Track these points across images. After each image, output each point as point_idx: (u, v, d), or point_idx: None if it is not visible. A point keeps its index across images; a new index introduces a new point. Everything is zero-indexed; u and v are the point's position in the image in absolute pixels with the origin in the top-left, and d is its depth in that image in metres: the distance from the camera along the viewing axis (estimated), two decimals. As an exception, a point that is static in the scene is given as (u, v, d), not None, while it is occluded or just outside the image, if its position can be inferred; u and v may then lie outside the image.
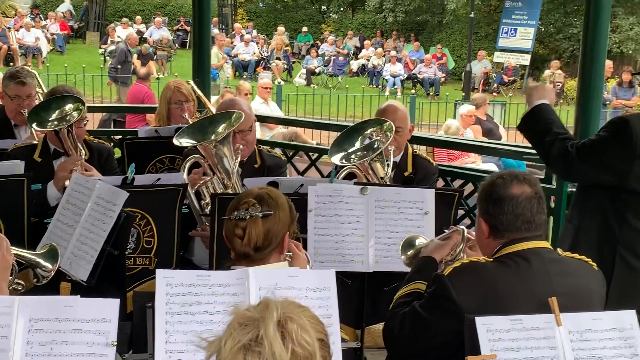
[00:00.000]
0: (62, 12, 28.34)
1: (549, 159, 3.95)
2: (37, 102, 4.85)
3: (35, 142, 4.33)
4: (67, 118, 4.11)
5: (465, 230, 3.17)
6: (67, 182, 3.88)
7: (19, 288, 2.96)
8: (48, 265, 3.03)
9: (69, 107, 4.16)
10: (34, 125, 4.15)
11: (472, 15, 25.64)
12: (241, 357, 1.65)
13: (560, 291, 2.71)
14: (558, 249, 2.94)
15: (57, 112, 4.15)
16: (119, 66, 19.00)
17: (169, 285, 2.55)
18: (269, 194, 2.91)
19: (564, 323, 2.57)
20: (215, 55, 20.04)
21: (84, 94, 16.13)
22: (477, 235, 3.00)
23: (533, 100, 3.96)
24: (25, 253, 3.01)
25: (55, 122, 4.11)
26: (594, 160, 3.70)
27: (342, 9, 34.70)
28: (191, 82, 6.05)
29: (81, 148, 4.16)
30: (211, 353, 1.72)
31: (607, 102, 16.36)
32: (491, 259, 2.82)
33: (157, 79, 16.05)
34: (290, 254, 2.99)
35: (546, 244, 2.87)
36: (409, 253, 3.34)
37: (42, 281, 3.02)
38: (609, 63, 4.96)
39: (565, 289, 2.75)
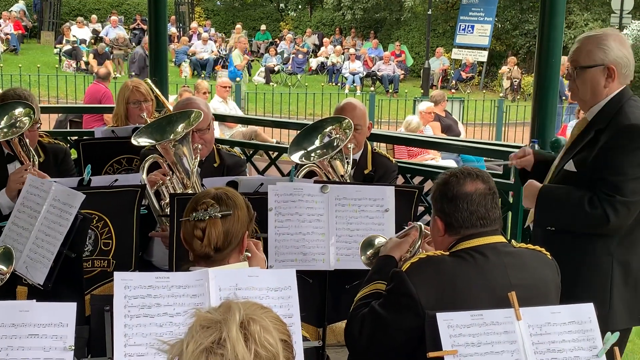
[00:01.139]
0: (16, 12, 27.85)
1: (599, 220, 3.42)
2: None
3: (-13, 145, 4.24)
4: (18, 124, 4.01)
5: (423, 226, 3.19)
6: (18, 192, 3.79)
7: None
8: (3, 267, 2.97)
9: (18, 112, 4.06)
10: None
11: (429, 12, 25.87)
12: None
13: (516, 283, 2.74)
14: (512, 241, 2.97)
15: (5, 119, 4.05)
16: (139, 72, 18.71)
17: (127, 287, 2.52)
18: (226, 194, 2.89)
19: (524, 317, 2.60)
20: (238, 56, 19.98)
21: (39, 94, 15.86)
22: (432, 233, 3.02)
23: (529, 201, 3.66)
24: None
25: (5, 130, 4.02)
26: None
27: (300, 6, 34.71)
28: (149, 80, 5.98)
29: (34, 154, 4.07)
30: (173, 356, 1.70)
31: (564, 98, 16.61)
32: (447, 253, 2.84)
33: (114, 78, 15.86)
34: (249, 254, 2.97)
35: (501, 238, 2.89)
36: (368, 253, 3.34)
37: (-3, 284, 2.96)
38: (563, 59, 5.02)
39: (522, 281, 2.78)
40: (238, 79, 18.97)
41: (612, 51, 3.48)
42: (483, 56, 25.74)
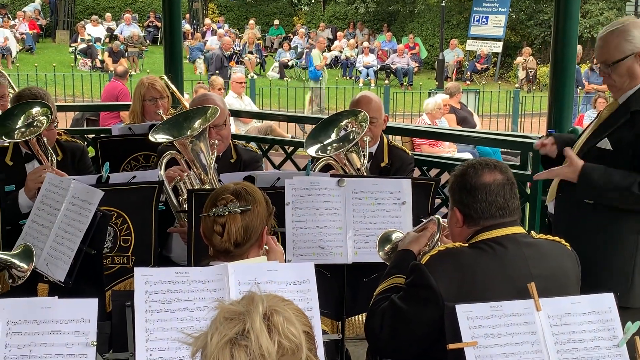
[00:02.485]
0: (31, 11, 28.01)
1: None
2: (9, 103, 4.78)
3: (6, 144, 4.26)
4: (35, 124, 4.03)
5: (441, 219, 3.18)
6: (37, 191, 3.82)
7: (-6, 288, 2.93)
8: (23, 265, 3.00)
9: (35, 111, 4.07)
10: (2, 137, 4.06)
11: (443, 4, 25.74)
12: (228, 352, 1.64)
13: (536, 274, 2.74)
14: (532, 232, 2.96)
15: (23, 118, 4.07)
16: (217, 72, 18.82)
17: (148, 283, 2.54)
18: (245, 189, 2.90)
19: (544, 308, 2.59)
20: (317, 56, 20.03)
21: (55, 93, 15.96)
22: (450, 224, 3.01)
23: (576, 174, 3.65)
24: None
25: (23, 130, 4.03)
26: None
27: (313, 1, 34.66)
28: (164, 77, 6.00)
29: (52, 153, 4.09)
30: (197, 348, 1.71)
31: (580, 87, 16.51)
32: (466, 245, 2.83)
33: (130, 75, 15.91)
34: (267, 247, 2.98)
35: (521, 229, 2.89)
36: (386, 248, 3.34)
37: (18, 281, 2.99)
38: (578, 48, 5.02)
39: (542, 271, 2.77)
40: (320, 79, 18.93)
41: (637, 38, 3.57)
42: (498, 47, 25.60)
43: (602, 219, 3.63)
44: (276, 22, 31.01)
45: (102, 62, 23.40)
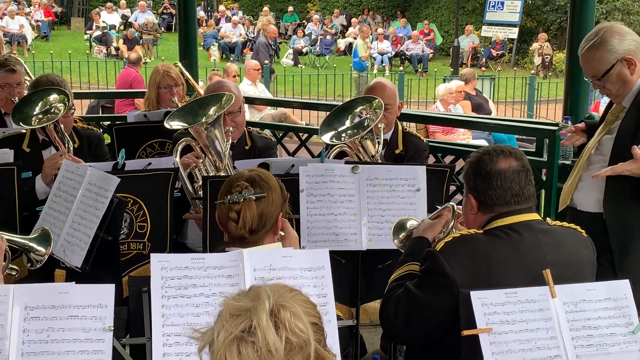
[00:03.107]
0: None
1: None
2: (26, 91, 4.82)
3: (23, 131, 4.30)
4: (52, 111, 4.06)
5: (455, 206, 3.18)
6: (54, 177, 3.85)
7: (13, 273, 2.96)
8: (41, 249, 3.03)
9: (53, 98, 4.10)
10: (20, 123, 4.10)
11: (458, -11, 25.57)
12: (235, 348, 1.63)
13: (552, 261, 2.73)
14: (547, 219, 2.95)
15: (40, 105, 4.10)
16: (266, 60, 18.91)
17: (164, 269, 2.55)
18: (260, 175, 2.90)
19: (559, 294, 2.59)
20: (362, 46, 20.04)
21: (70, 80, 16.05)
22: (464, 211, 3.01)
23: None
24: (17, 238, 3.01)
25: (40, 116, 4.06)
26: None
27: (327, -13, 34.48)
28: (179, 64, 6.01)
29: (69, 140, 4.12)
30: (204, 344, 1.70)
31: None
32: (481, 231, 2.83)
33: (145, 63, 15.96)
34: (282, 233, 2.99)
35: (536, 216, 2.88)
36: (400, 236, 3.34)
37: (36, 265, 3.02)
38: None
39: (557, 258, 2.77)
40: (366, 69, 18.93)
41: (618, 46, 3.64)
42: (513, 33, 25.39)
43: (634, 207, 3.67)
44: (290, 8, 30.92)
45: (117, 49, 23.44)
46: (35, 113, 4.09)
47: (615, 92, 3.75)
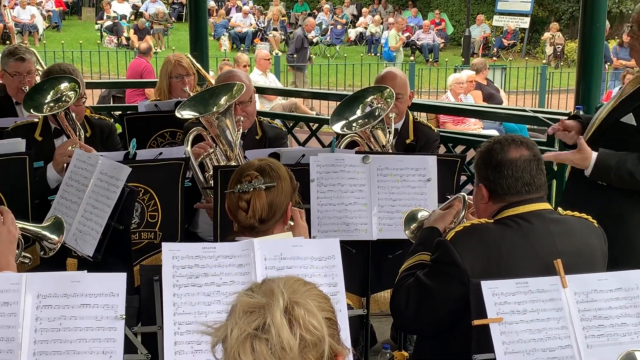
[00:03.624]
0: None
1: None
2: (37, 79, 4.83)
3: (35, 120, 4.31)
4: (64, 99, 4.07)
5: (466, 196, 3.18)
6: (65, 165, 3.86)
7: (26, 261, 2.98)
8: (54, 237, 3.04)
9: (64, 87, 4.12)
10: (31, 110, 4.12)
11: (470, -21, 25.43)
12: (249, 345, 1.62)
13: (563, 250, 2.73)
14: (559, 208, 2.95)
15: (52, 93, 4.11)
16: (295, 53, 19.00)
17: (175, 258, 2.56)
18: (270, 165, 2.91)
19: (570, 284, 2.58)
20: (394, 36, 20.03)
21: (81, 70, 16.10)
22: (475, 200, 3.01)
23: (587, 162, 3.66)
24: (30, 226, 3.03)
25: (52, 104, 4.08)
26: None
27: (338, -24, 34.37)
28: (189, 56, 6.02)
29: (80, 128, 4.13)
30: (217, 340, 1.69)
31: (609, 63, 16.28)
32: (491, 221, 2.83)
33: (155, 53, 15.97)
34: (292, 223, 2.99)
35: (547, 206, 2.87)
36: (412, 227, 3.35)
37: (49, 253, 3.04)
38: (607, 24, 4.94)
39: (568, 248, 2.76)
40: (394, 59, 18.93)
41: None
42: (525, 22, 25.26)
43: (611, 198, 3.65)
44: (301, -2, 30.86)
45: (128, 39, 23.47)
46: (46, 101, 4.11)
47: None
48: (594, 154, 3.61)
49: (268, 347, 1.61)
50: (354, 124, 4.18)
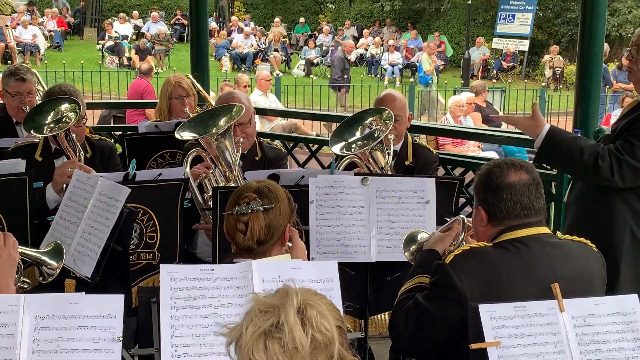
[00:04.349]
0: (59, 8, 28.25)
1: (590, 170, 3.63)
2: (38, 99, 4.85)
3: (36, 140, 4.33)
4: (64, 120, 4.09)
5: (466, 219, 3.18)
6: (64, 186, 3.87)
7: (25, 286, 2.97)
8: (53, 263, 3.04)
9: (64, 108, 4.14)
10: (31, 131, 4.13)
11: (469, 1, 25.59)
12: (262, 343, 1.68)
13: (561, 275, 2.73)
14: (557, 232, 2.95)
15: (52, 114, 4.13)
16: (341, 75, 19.17)
17: (173, 280, 2.56)
18: (268, 187, 2.91)
19: (567, 309, 2.58)
20: (427, 60, 20.15)
21: (82, 90, 16.13)
22: (474, 223, 3.01)
23: (538, 130, 3.75)
24: (30, 251, 3.02)
25: (52, 125, 4.10)
26: None
27: (339, -2, 34.62)
28: (190, 76, 6.05)
29: (80, 149, 4.14)
30: (232, 339, 1.74)
31: (607, 86, 16.33)
32: (490, 244, 2.83)
33: (156, 73, 16.04)
34: (290, 244, 3.00)
35: (546, 230, 2.88)
36: (411, 248, 3.35)
37: (48, 279, 3.03)
38: (605, 47, 4.98)
39: (567, 272, 2.76)
40: (430, 83, 19.08)
41: None
42: (524, 45, 25.39)
43: (596, 203, 3.72)
44: (302, 19, 31.04)
45: (129, 59, 23.58)
46: (47, 122, 4.12)
47: (639, 75, 3.69)
48: (547, 125, 3.69)
49: (280, 345, 1.67)
50: (353, 146, 4.19)
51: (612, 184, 3.61)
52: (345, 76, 19.59)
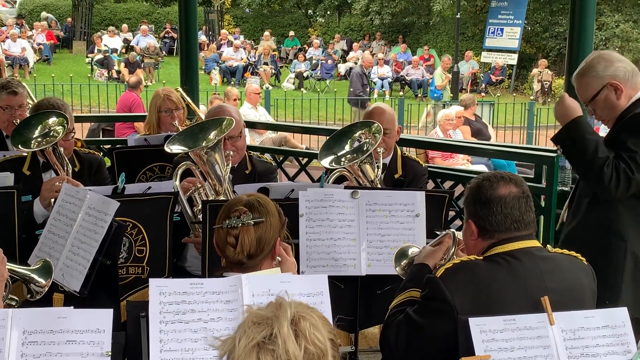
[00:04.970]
0: (48, 22, 28.21)
1: (598, 175, 3.66)
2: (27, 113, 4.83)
3: (24, 154, 4.31)
4: (51, 134, 4.07)
5: (456, 232, 3.18)
6: (52, 201, 3.85)
7: (13, 303, 2.94)
8: (42, 280, 3.01)
9: (52, 121, 4.11)
10: (19, 146, 4.11)
11: (458, 16, 25.72)
12: (254, 356, 1.67)
13: (552, 288, 2.73)
14: (548, 246, 2.96)
15: (39, 128, 4.11)
16: (361, 90, 19.15)
17: (162, 294, 2.55)
18: (258, 200, 2.91)
19: (557, 322, 2.59)
20: (439, 75, 20.15)
21: (71, 103, 16.09)
22: (465, 237, 3.01)
23: (571, 113, 3.83)
24: (19, 268, 2.99)
25: (39, 139, 4.08)
26: None
27: (328, 12, 34.72)
28: (180, 89, 6.04)
29: (68, 163, 4.12)
30: (224, 352, 1.74)
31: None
32: (481, 258, 2.83)
33: (146, 86, 16.03)
34: (279, 259, 2.99)
35: (536, 243, 2.88)
36: (402, 263, 3.34)
37: (36, 297, 3.00)
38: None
39: (557, 285, 2.77)
40: (441, 98, 19.16)
41: (603, 72, 3.74)
42: (513, 59, 25.55)
43: (594, 223, 3.78)
44: (291, 33, 31.12)
45: (119, 72, 23.55)
46: (34, 136, 4.10)
47: (605, 116, 3.84)
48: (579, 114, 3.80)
49: (274, 357, 1.67)
50: (343, 159, 4.20)
51: (604, 190, 3.66)
52: (366, 90, 19.55)
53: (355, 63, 26.73)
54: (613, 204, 3.73)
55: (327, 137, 4.39)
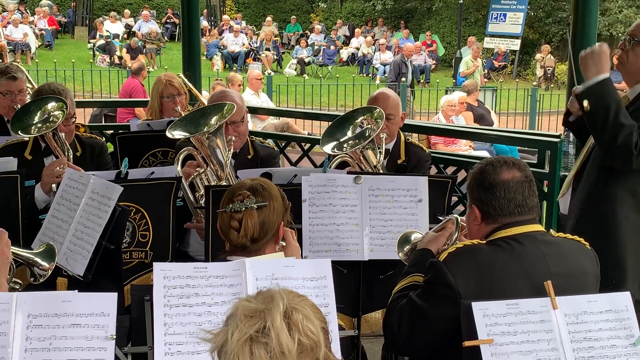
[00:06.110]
0: (49, 8, 28.13)
1: (625, 140, 3.50)
2: (28, 98, 4.83)
3: (26, 139, 4.31)
4: (51, 119, 4.07)
5: (459, 218, 3.19)
6: (54, 186, 3.86)
7: (17, 287, 2.96)
8: (45, 264, 3.02)
9: (51, 107, 4.11)
10: (19, 132, 4.11)
11: (461, 1, 25.63)
12: (247, 349, 1.66)
13: (555, 272, 2.74)
14: (551, 230, 2.96)
15: (39, 114, 4.11)
16: (395, 79, 19.07)
17: (166, 278, 2.56)
18: (262, 185, 2.91)
19: (560, 306, 2.59)
20: (466, 63, 20.07)
21: (74, 89, 16.09)
22: (468, 222, 3.01)
23: (602, 68, 3.63)
24: (22, 252, 3.01)
25: (39, 125, 4.08)
26: None
27: (330, -3, 34.61)
28: (182, 75, 6.03)
29: (69, 148, 4.12)
30: (217, 345, 1.73)
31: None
32: (484, 242, 2.84)
33: (148, 72, 16.01)
34: (283, 243, 3.00)
35: (539, 227, 2.89)
36: (405, 249, 3.35)
37: (39, 280, 3.02)
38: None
39: (560, 269, 2.77)
40: None
41: None
42: (516, 45, 25.45)
43: (598, 202, 3.71)
44: (293, 18, 31.03)
45: (120, 58, 23.52)
46: (34, 122, 4.10)
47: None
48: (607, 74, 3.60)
49: (267, 351, 1.66)
50: (345, 145, 4.19)
51: (629, 157, 3.51)
52: (397, 79, 19.42)
53: (357, 49, 26.69)
54: (626, 176, 3.65)
55: (329, 123, 4.38)
